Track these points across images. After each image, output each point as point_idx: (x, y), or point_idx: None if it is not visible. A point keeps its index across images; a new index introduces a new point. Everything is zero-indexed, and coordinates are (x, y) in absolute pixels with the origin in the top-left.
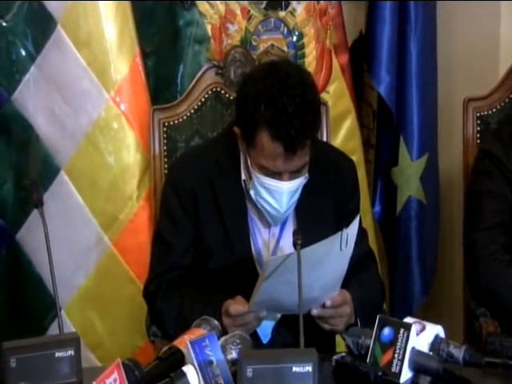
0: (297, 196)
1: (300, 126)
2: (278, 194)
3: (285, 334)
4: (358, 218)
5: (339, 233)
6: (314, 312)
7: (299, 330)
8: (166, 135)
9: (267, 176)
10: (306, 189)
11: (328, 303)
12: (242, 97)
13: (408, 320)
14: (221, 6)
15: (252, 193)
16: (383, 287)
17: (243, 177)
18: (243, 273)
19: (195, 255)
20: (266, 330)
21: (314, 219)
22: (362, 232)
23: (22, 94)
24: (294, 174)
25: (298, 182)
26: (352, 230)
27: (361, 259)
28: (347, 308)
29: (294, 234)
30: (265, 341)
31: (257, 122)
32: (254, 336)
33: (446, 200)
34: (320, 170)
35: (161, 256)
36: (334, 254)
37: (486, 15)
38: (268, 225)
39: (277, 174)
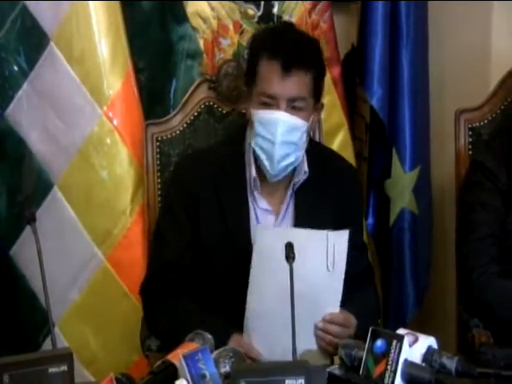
0: (293, 156)
1: (296, 48)
2: (274, 123)
3: None
4: (346, 233)
5: (325, 232)
6: (320, 325)
7: (292, 343)
8: (159, 150)
9: (265, 108)
10: (306, 193)
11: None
12: (250, 44)
13: (400, 331)
14: (213, 21)
15: (252, 143)
16: (380, 304)
17: (248, 140)
18: (245, 272)
19: (197, 257)
20: None
21: (312, 225)
22: (362, 245)
23: (15, 111)
24: (290, 107)
25: (294, 121)
26: (339, 246)
27: (360, 275)
28: (351, 331)
29: (287, 247)
30: None
31: (258, 53)
32: None
33: (439, 211)
34: (322, 177)
35: (158, 253)
36: (322, 274)
37: (477, 27)
38: (271, 223)
39: (274, 106)
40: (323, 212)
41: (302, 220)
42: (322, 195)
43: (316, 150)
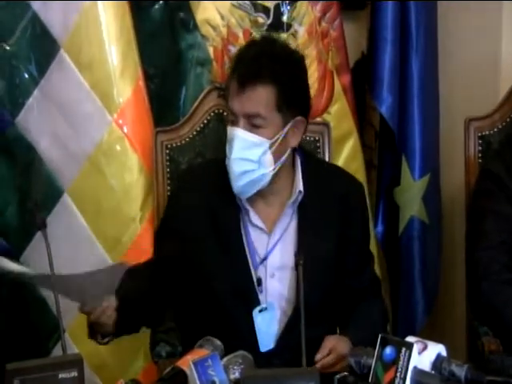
0: (254, 173)
1: (253, 64)
2: (231, 140)
3: (286, 350)
4: None
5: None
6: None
7: (301, 350)
8: (169, 157)
9: (232, 125)
10: (308, 213)
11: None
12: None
13: (410, 339)
14: (223, 29)
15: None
16: (387, 316)
17: None
18: (241, 287)
19: (194, 279)
20: (268, 339)
21: (316, 244)
22: (368, 257)
23: (26, 118)
24: (250, 124)
25: (250, 138)
26: None
27: (365, 288)
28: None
29: (296, 254)
30: (262, 349)
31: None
32: (254, 343)
33: (448, 219)
34: (325, 194)
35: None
36: None
37: (488, 35)
38: (264, 244)
39: (235, 121)
40: (327, 230)
41: (306, 239)
42: (326, 213)
43: (317, 168)
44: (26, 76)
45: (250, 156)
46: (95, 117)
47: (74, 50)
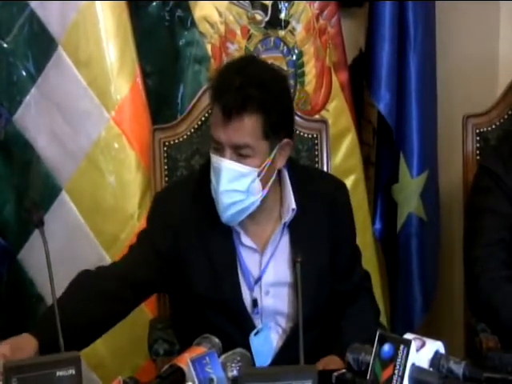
0: (243, 202)
1: (239, 94)
2: (218, 171)
3: (283, 363)
4: None
5: None
6: None
7: (299, 346)
8: (167, 154)
9: (214, 153)
10: (298, 227)
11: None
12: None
13: (408, 336)
14: (221, 26)
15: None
16: (377, 308)
17: None
18: (232, 306)
19: (185, 301)
20: (264, 358)
21: (309, 257)
22: (356, 255)
23: (23, 115)
24: (236, 154)
25: (239, 169)
26: None
27: (356, 288)
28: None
29: (294, 252)
30: None
31: (211, 92)
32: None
33: (446, 217)
34: (312, 204)
35: (124, 256)
36: None
37: (485, 32)
38: (257, 263)
39: (221, 150)
40: (320, 241)
41: (299, 254)
42: (317, 223)
43: (304, 177)
44: (24, 73)
45: (239, 187)
46: (93, 114)
47: (72, 47)
